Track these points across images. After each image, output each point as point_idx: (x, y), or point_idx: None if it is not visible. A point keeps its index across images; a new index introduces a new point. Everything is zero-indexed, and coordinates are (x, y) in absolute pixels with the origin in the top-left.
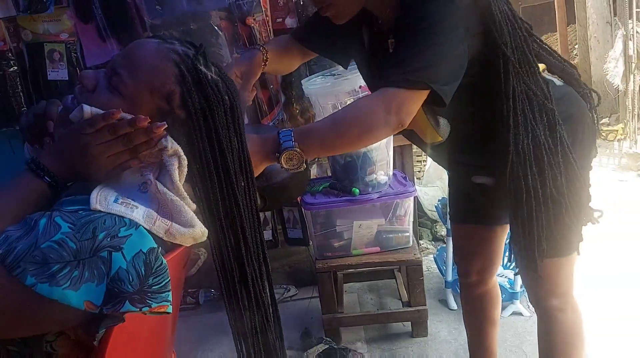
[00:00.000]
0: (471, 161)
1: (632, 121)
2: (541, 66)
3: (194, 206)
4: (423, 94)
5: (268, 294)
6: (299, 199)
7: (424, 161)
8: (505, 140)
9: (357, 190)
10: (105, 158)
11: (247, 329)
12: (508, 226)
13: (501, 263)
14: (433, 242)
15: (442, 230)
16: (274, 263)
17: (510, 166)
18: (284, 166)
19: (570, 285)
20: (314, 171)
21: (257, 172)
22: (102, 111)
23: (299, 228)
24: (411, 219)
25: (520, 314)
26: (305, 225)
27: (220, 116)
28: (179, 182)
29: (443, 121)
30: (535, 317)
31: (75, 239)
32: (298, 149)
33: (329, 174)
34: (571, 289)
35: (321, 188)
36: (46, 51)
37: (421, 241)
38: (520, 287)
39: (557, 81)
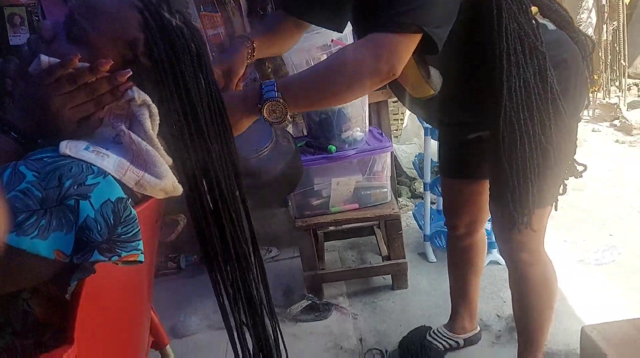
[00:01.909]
0: (462, 115)
1: (605, 72)
2: (534, 9)
3: (170, 159)
4: (415, 39)
5: (249, 245)
6: None
7: (400, 119)
8: (499, 83)
9: (334, 147)
10: (68, 110)
11: (229, 284)
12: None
13: (486, 220)
14: (412, 199)
15: (420, 187)
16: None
17: (503, 109)
18: (267, 118)
19: (541, 239)
20: (290, 131)
21: (241, 128)
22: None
23: None
24: (389, 174)
25: (498, 263)
26: None
27: (186, 63)
28: (151, 131)
29: (435, 72)
30: None
31: (41, 187)
32: (281, 100)
33: (305, 133)
34: (542, 243)
35: (297, 146)
36: (6, 15)
37: (400, 199)
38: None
39: (550, 25)
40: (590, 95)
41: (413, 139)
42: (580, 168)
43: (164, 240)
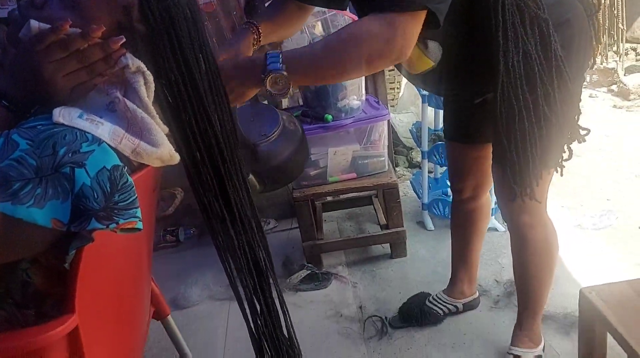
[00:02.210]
0: (463, 85)
1: (603, 37)
2: None
3: (166, 128)
4: (421, 16)
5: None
6: None
7: (397, 88)
8: (496, 59)
9: (330, 116)
10: (61, 78)
11: (235, 248)
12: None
13: (490, 184)
14: (409, 169)
15: (418, 156)
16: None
17: (500, 85)
18: (268, 88)
19: (543, 202)
20: (285, 101)
21: (244, 97)
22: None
23: None
24: (386, 143)
25: (496, 229)
26: None
27: (182, 29)
28: (147, 99)
29: (433, 44)
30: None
31: (35, 156)
32: (285, 73)
33: (300, 103)
34: (544, 206)
35: (294, 115)
36: None
37: (397, 169)
38: (495, 203)
39: None
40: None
41: (410, 108)
42: (583, 132)
43: (161, 213)
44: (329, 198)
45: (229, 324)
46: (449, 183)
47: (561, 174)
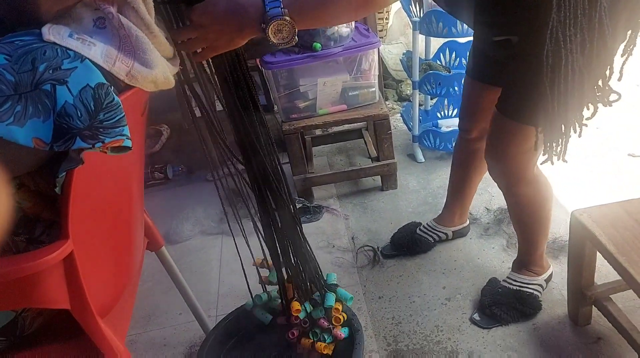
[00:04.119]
0: (499, 14)
1: None
2: None
3: (172, 49)
4: None
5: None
6: (258, 61)
7: (385, 18)
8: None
9: (319, 45)
10: None
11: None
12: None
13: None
14: (399, 102)
15: (407, 89)
16: None
17: (551, 25)
18: (272, 39)
19: (534, 158)
20: None
21: (237, 45)
22: None
23: (262, 94)
24: (376, 73)
25: None
26: (268, 89)
27: None
28: (149, 17)
29: None
30: None
31: (13, 71)
32: (288, 18)
33: None
34: (534, 161)
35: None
36: None
37: (387, 102)
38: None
39: None
40: None
41: (399, 39)
42: (613, 97)
43: (149, 151)
44: (319, 132)
45: (222, 257)
46: (458, 121)
47: (579, 136)
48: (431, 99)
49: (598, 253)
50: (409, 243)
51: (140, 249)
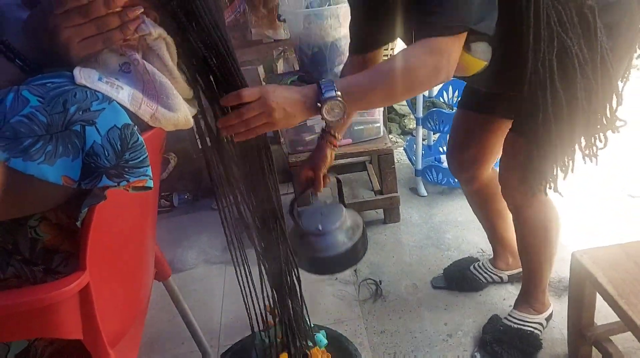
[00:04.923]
0: (496, 81)
1: None
2: None
3: (190, 92)
4: (463, 37)
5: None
6: None
7: (390, 54)
8: (524, 57)
9: None
10: (77, 43)
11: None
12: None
13: (496, 159)
14: (402, 136)
15: (411, 124)
16: None
17: (528, 84)
18: (325, 116)
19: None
20: (281, 67)
21: (295, 123)
22: None
23: None
24: (381, 110)
25: None
26: None
27: None
28: (171, 63)
29: (480, 45)
30: None
31: (46, 112)
32: (340, 99)
33: (296, 68)
34: (541, 185)
35: (289, 81)
36: None
37: (390, 136)
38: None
39: None
40: None
41: None
42: (619, 123)
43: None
44: None
45: (226, 287)
46: (445, 159)
47: (596, 164)
48: (433, 134)
49: (598, 294)
50: (459, 279)
51: (151, 279)
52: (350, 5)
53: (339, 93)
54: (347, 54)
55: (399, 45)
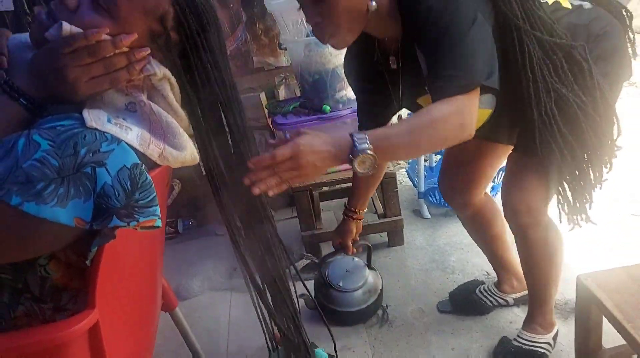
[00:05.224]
0: (504, 129)
1: None
2: None
3: (187, 124)
4: (478, 92)
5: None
6: (270, 121)
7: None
8: (530, 110)
9: (328, 107)
10: (84, 82)
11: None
12: (507, 148)
13: (487, 185)
14: None
15: None
16: None
17: (538, 133)
18: (357, 169)
19: (546, 203)
20: (282, 93)
21: (323, 171)
22: (82, 30)
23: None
24: None
25: None
26: None
27: (214, 36)
28: (176, 103)
29: (487, 97)
30: None
31: (57, 156)
32: (372, 153)
33: (298, 94)
34: (546, 206)
35: (291, 107)
36: None
37: None
38: (492, 189)
39: (586, 4)
40: None
41: None
42: (616, 149)
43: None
44: (326, 188)
45: (231, 314)
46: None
47: (600, 188)
48: (435, 155)
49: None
50: (465, 303)
51: (158, 311)
52: (354, 89)
53: (371, 146)
54: (347, 81)
55: None
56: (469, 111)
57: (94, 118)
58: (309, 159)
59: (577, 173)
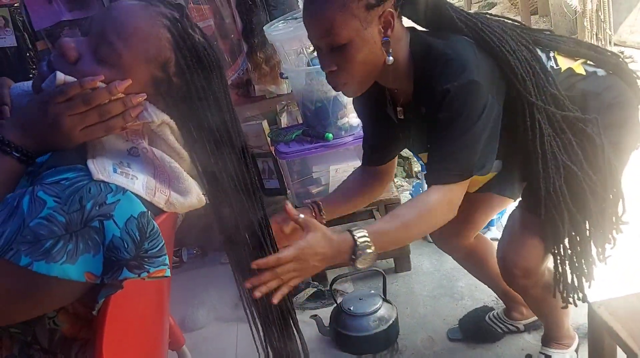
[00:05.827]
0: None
1: (591, 41)
2: (580, 60)
3: (190, 166)
4: (469, 180)
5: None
6: (272, 148)
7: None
8: (537, 184)
9: (331, 135)
10: (78, 132)
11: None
12: (505, 200)
13: (476, 233)
14: (407, 179)
15: (416, 166)
16: None
17: (544, 208)
18: (358, 266)
19: (545, 262)
20: (284, 120)
21: (317, 271)
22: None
23: (275, 178)
24: None
25: (497, 239)
26: (281, 174)
27: (216, 79)
28: (178, 146)
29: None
30: None
31: (64, 212)
32: (372, 250)
33: (300, 121)
34: (544, 264)
35: (294, 135)
36: None
37: (395, 180)
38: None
39: (600, 72)
40: None
41: None
42: (622, 225)
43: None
44: None
45: (238, 345)
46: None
47: (605, 263)
48: None
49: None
50: (475, 331)
51: (166, 352)
52: (363, 121)
53: (373, 247)
54: (350, 107)
55: None
56: (457, 198)
57: (100, 169)
58: (311, 262)
59: (579, 249)
